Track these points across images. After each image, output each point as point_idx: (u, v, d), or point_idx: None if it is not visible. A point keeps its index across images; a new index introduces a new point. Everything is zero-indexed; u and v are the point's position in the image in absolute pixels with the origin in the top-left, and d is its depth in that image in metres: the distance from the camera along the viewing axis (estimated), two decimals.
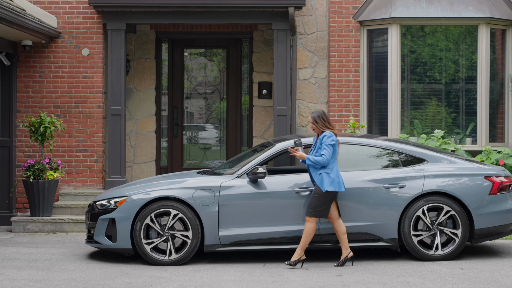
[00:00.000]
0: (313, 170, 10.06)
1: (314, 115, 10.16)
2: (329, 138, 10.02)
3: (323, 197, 9.96)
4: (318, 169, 10.01)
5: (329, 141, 10.00)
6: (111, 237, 10.47)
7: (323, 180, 9.97)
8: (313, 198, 10.00)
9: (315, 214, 10.01)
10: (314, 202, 9.98)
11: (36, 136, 13.40)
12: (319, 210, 9.99)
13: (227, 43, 15.55)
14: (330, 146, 9.98)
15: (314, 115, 10.16)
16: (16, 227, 13.23)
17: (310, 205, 10.02)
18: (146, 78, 15.25)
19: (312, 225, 10.03)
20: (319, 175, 10.00)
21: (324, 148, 9.98)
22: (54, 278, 9.50)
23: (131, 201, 10.43)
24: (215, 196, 10.37)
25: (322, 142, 10.03)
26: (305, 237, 10.07)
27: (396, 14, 14.14)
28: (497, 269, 10.00)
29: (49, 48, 14.25)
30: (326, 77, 14.77)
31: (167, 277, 9.58)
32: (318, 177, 9.99)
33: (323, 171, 9.99)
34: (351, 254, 10.22)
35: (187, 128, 15.63)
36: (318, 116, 10.13)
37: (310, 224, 10.03)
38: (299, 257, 10.11)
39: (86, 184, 14.27)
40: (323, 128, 10.10)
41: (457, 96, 14.67)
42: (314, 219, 10.02)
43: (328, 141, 10.00)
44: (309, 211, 10.02)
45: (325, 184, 9.96)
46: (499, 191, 10.68)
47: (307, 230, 10.05)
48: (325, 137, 10.04)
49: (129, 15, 13.97)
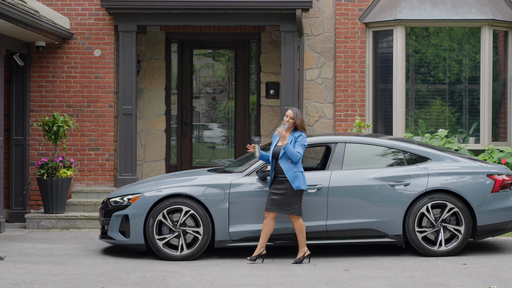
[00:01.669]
0: (286, 166, 10.21)
1: (297, 112, 10.34)
2: (304, 139, 10.31)
3: (297, 194, 10.24)
4: (292, 166, 10.20)
5: (304, 141, 10.30)
6: (125, 233, 10.77)
7: (299, 178, 10.21)
8: (288, 197, 10.18)
9: (299, 211, 10.27)
10: (292, 200, 10.20)
11: (49, 135, 13.73)
12: (299, 207, 10.28)
13: (235, 44, 15.84)
14: (304, 146, 10.28)
15: (297, 111, 10.34)
16: (30, 223, 13.55)
17: (290, 204, 10.20)
18: (156, 78, 15.56)
19: (300, 221, 10.29)
20: (294, 172, 10.20)
21: (299, 146, 10.23)
22: (70, 272, 9.82)
23: (144, 198, 10.73)
24: (226, 193, 10.66)
25: (297, 140, 10.26)
26: (301, 234, 10.33)
27: (401, 16, 14.38)
28: (499, 265, 10.25)
29: (61, 49, 14.57)
30: (333, 78, 15.05)
31: (179, 271, 9.88)
32: (292, 175, 10.19)
33: (297, 170, 10.22)
34: (264, 252, 10.42)
35: (196, 127, 15.92)
36: (300, 113, 10.36)
37: (298, 220, 10.29)
38: (303, 253, 10.38)
39: (98, 181, 14.59)
40: (300, 128, 10.33)
41: (460, 96, 14.88)
42: (299, 216, 10.29)
43: (303, 141, 10.29)
44: (292, 210, 10.22)
45: (302, 182, 10.22)
46: (501, 189, 10.94)
47: (300, 227, 10.30)
48: (301, 136, 10.30)
49: (140, 16, 14.27)
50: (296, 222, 10.31)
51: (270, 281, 9.28)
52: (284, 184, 10.22)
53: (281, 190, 10.22)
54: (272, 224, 10.35)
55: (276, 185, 10.29)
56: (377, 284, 9.06)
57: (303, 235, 10.35)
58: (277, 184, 10.28)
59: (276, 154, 10.31)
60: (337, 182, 10.75)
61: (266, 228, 10.36)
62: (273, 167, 10.38)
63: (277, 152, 10.30)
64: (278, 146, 10.35)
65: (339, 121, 14.75)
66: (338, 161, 10.92)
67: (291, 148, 10.17)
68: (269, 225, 10.35)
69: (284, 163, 10.23)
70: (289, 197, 10.21)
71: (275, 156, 10.33)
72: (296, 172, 10.21)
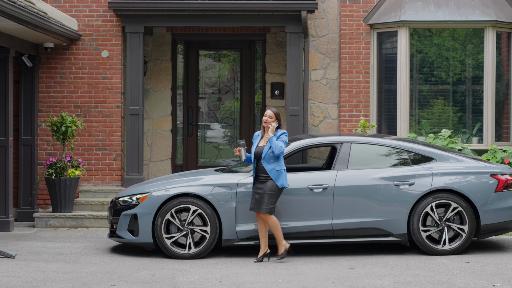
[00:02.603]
0: (269, 165, 10.35)
1: (276, 112, 10.52)
2: (286, 137, 10.51)
3: (278, 193, 10.40)
4: (274, 165, 10.35)
5: (286, 139, 10.50)
6: (133, 232, 10.93)
7: (282, 176, 10.39)
8: (267, 195, 10.32)
9: (271, 210, 10.37)
10: (269, 199, 10.33)
11: (58, 135, 13.89)
12: (273, 207, 10.39)
13: (241, 44, 15.98)
14: (286, 143, 10.46)
15: (276, 111, 10.53)
16: (39, 222, 13.72)
17: (264, 202, 10.33)
18: (162, 78, 15.71)
19: (274, 218, 10.40)
20: (277, 171, 10.36)
21: (281, 141, 10.39)
22: (80, 270, 9.98)
23: (152, 198, 10.88)
24: (233, 193, 10.81)
25: (279, 137, 10.41)
26: (277, 231, 10.44)
27: (405, 18, 14.51)
28: (502, 263, 10.39)
29: (69, 50, 14.73)
30: (337, 78, 15.19)
31: (187, 269, 10.03)
32: (275, 173, 10.34)
33: (280, 167, 10.38)
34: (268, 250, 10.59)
35: (202, 127, 16.07)
36: (279, 114, 10.54)
37: (272, 218, 10.39)
38: (284, 247, 10.51)
39: (105, 181, 14.75)
40: (280, 127, 10.54)
41: (463, 96, 14.99)
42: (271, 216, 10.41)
43: (286, 138, 10.48)
44: (264, 208, 10.33)
45: (285, 180, 10.39)
46: (504, 188, 11.07)
47: (274, 224, 10.39)
48: (284, 134, 10.48)
49: (147, 18, 14.42)
50: (270, 220, 10.40)
51: (277, 279, 9.43)
52: (265, 183, 10.37)
53: (262, 190, 10.37)
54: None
55: (258, 184, 10.45)
56: (383, 282, 9.20)
57: (279, 230, 10.44)
58: (259, 183, 10.43)
59: (259, 155, 10.47)
60: (342, 182, 10.90)
61: (261, 228, 10.54)
62: (255, 167, 10.54)
63: (259, 152, 10.47)
64: (260, 146, 10.52)
65: (344, 122, 14.90)
66: (344, 161, 11.07)
67: (275, 140, 10.34)
68: (263, 225, 10.52)
69: (267, 163, 10.38)
70: (268, 196, 10.33)
71: (257, 156, 10.50)
72: (280, 170, 10.37)
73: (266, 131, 10.56)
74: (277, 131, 10.52)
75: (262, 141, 10.57)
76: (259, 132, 10.71)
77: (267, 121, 10.51)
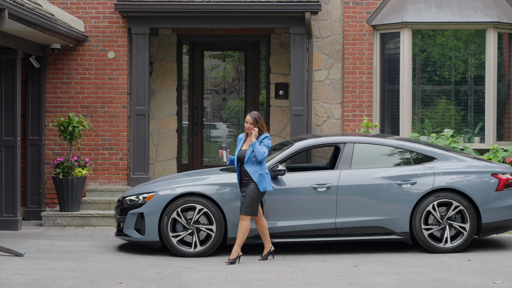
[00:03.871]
0: (251, 169, 10.39)
1: (255, 116, 10.52)
2: (269, 140, 10.52)
3: (259, 196, 10.44)
4: (257, 169, 10.40)
5: (269, 142, 10.51)
6: (140, 231, 11.08)
7: (265, 180, 10.42)
8: (249, 197, 10.39)
9: (251, 212, 10.43)
10: (250, 201, 10.39)
11: (65, 135, 14.06)
12: (254, 209, 10.44)
13: (245, 45, 16.12)
14: (268, 147, 10.49)
15: (255, 116, 10.52)
16: (46, 221, 13.90)
17: (245, 204, 10.40)
18: (167, 79, 15.87)
19: (248, 222, 10.46)
20: (260, 175, 10.40)
21: (264, 146, 10.44)
22: (88, 268, 10.15)
23: (158, 197, 11.04)
24: (238, 192, 10.91)
25: (261, 142, 10.45)
26: (242, 235, 10.48)
27: (407, 19, 14.63)
28: (503, 261, 10.52)
29: (76, 51, 14.90)
30: (341, 79, 15.34)
31: (193, 267, 10.19)
32: (258, 177, 10.39)
33: (263, 171, 10.42)
34: (272, 248, 10.72)
35: (207, 127, 16.21)
36: (259, 117, 10.53)
37: (246, 222, 10.45)
38: (237, 254, 10.53)
39: (112, 180, 14.92)
40: (262, 130, 10.53)
41: (466, 96, 15.08)
42: (249, 217, 10.47)
43: (268, 142, 10.50)
44: (245, 210, 10.41)
45: (267, 184, 10.43)
46: (505, 187, 11.21)
47: (244, 228, 10.45)
48: (266, 138, 10.50)
49: (153, 19, 14.57)
50: (243, 222, 10.45)
51: (282, 276, 9.58)
52: (248, 186, 10.44)
53: (245, 192, 10.45)
54: (263, 221, 10.63)
55: (242, 187, 10.54)
56: (385, 280, 9.35)
57: (243, 236, 10.47)
58: (243, 186, 10.51)
59: (241, 158, 10.53)
60: (346, 181, 11.04)
61: (259, 228, 10.67)
62: (238, 170, 10.61)
63: (242, 156, 10.52)
64: (243, 150, 10.57)
65: (347, 121, 15.05)
66: (347, 161, 11.21)
67: (258, 147, 10.37)
68: (261, 225, 10.64)
69: (249, 166, 10.43)
70: (250, 198, 10.40)
71: (240, 160, 10.55)
72: (262, 174, 10.41)
73: (249, 135, 10.62)
74: (260, 135, 10.55)
75: (245, 145, 10.61)
76: (243, 135, 10.72)
77: (249, 128, 10.53)
